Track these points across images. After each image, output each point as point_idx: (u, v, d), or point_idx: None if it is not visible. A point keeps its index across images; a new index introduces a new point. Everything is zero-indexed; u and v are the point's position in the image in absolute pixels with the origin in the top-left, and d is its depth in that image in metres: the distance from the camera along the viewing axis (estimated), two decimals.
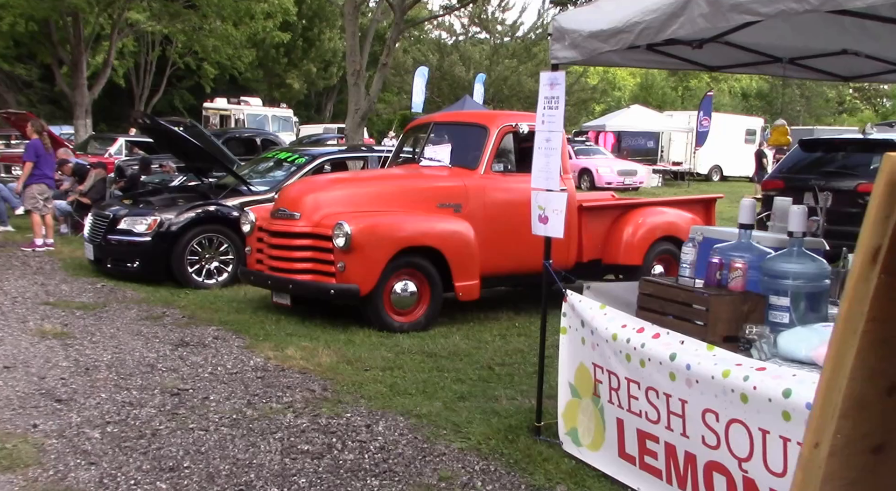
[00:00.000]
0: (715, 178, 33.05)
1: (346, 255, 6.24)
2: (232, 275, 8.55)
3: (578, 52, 3.74)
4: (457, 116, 7.90)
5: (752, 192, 25.79)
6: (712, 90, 35.65)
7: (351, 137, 11.55)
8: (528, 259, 7.09)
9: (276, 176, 9.48)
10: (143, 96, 35.99)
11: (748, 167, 33.65)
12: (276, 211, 6.83)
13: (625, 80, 68.50)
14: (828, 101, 64.24)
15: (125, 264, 8.45)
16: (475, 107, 34.36)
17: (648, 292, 3.55)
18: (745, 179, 34.25)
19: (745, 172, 34.15)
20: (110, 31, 21.90)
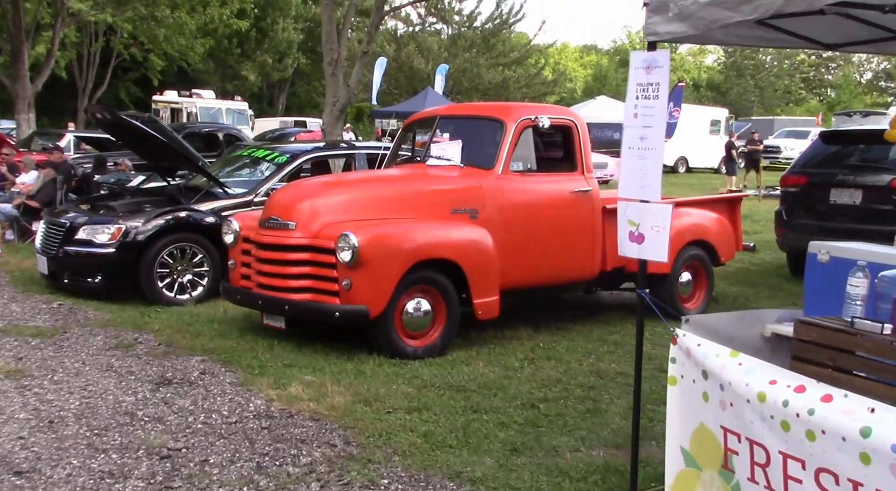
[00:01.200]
0: (681, 169, 32.80)
1: (352, 271, 5.38)
2: (208, 289, 7.60)
3: (689, 25, 2.94)
4: (467, 109, 7.08)
5: (721, 185, 25.55)
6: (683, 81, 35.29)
7: (329, 132, 10.64)
8: (550, 269, 6.35)
9: (253, 177, 8.54)
10: (87, 89, 34.34)
11: (713, 159, 33.57)
12: (265, 219, 5.93)
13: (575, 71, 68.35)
14: (776, 91, 65.01)
15: (85, 279, 7.44)
16: (437, 98, 33.59)
17: (810, 339, 2.79)
18: (710, 171, 34.15)
19: (710, 164, 34.01)
20: (53, 20, 20.44)
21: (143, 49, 33.20)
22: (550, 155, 6.52)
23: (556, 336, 6.39)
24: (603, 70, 64.08)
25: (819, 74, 66.72)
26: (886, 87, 64.98)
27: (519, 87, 43.87)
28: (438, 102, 32.85)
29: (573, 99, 55.48)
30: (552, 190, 6.34)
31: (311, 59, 48.35)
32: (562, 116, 6.49)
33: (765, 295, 8.06)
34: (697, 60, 72.24)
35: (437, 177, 6.23)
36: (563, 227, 6.33)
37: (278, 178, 8.04)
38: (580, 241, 6.44)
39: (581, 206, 6.44)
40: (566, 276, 6.50)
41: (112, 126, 8.35)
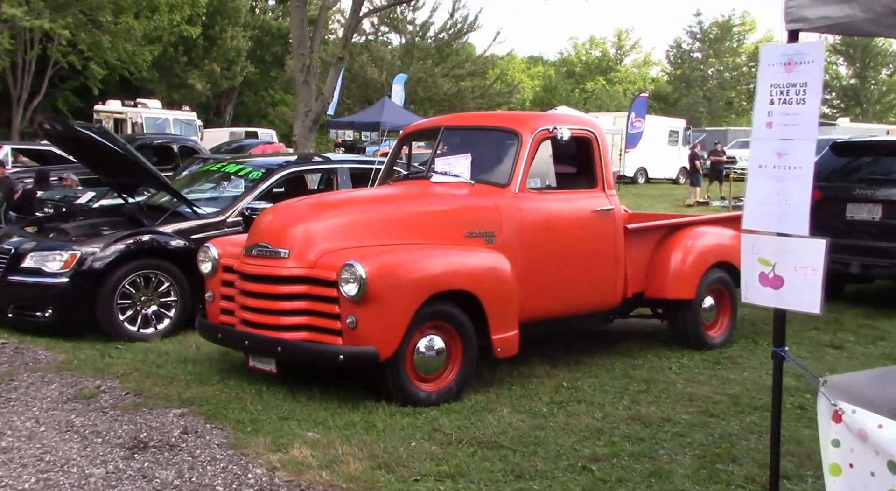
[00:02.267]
0: (641, 180, 32.68)
1: (358, 306, 4.63)
2: (176, 321, 6.75)
3: (857, 7, 2.30)
4: (476, 119, 6.36)
5: (685, 196, 25.37)
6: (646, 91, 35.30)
7: (302, 145, 9.83)
8: (572, 298, 5.70)
9: (224, 195, 7.71)
10: (22, 99, 32.70)
11: (672, 169, 33.52)
12: (252, 246, 5.13)
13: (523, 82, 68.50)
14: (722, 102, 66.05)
15: (33, 313, 6.50)
16: (395, 108, 32.86)
17: None
18: (669, 181, 34.11)
19: (668, 174, 33.97)
20: None
21: (82, 57, 31.80)
22: (568, 169, 5.88)
23: (576, 372, 5.73)
24: (552, 81, 64.17)
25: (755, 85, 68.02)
26: (830, 98, 66.58)
27: (474, 97, 43.54)
28: (396, 113, 32.18)
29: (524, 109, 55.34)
30: (573, 209, 5.69)
31: (259, 68, 47.18)
32: (581, 127, 5.86)
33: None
34: (642, 72, 73.07)
35: (446, 196, 5.51)
36: (586, 250, 5.69)
37: (254, 196, 7.23)
38: (603, 265, 5.80)
39: (604, 227, 5.80)
40: (588, 305, 5.84)
41: (62, 138, 7.42)
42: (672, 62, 69.25)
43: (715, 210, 21.08)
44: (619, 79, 69.33)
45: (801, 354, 6.30)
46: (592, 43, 71.57)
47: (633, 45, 71.58)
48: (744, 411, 4.85)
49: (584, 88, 66.01)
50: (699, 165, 24.54)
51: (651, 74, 72.99)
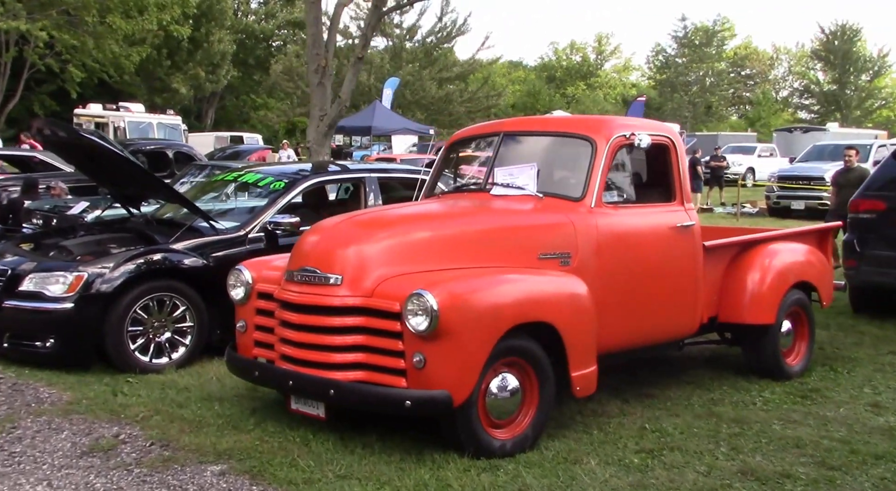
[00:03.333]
0: None
1: (427, 343, 3.97)
2: (192, 349, 6.05)
3: None
4: (542, 124, 5.69)
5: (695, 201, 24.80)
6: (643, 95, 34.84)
7: (316, 151, 9.12)
8: (652, 326, 5.10)
9: (242, 207, 7.01)
10: None
11: None
12: (296, 271, 4.45)
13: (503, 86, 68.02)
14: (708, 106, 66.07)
15: (32, 344, 5.76)
16: (386, 113, 32.15)
17: None
18: None
19: None
20: None
21: (59, 60, 30.84)
22: (644, 180, 5.25)
23: (652, 409, 5.10)
24: (535, 86, 63.71)
25: (738, 91, 68.01)
26: (809, 103, 66.83)
27: (462, 101, 43.01)
28: (388, 117, 31.50)
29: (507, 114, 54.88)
30: (653, 226, 5.06)
31: (241, 71, 46.27)
32: (659, 133, 5.24)
33: (847, 340, 6.98)
34: (622, 77, 72.94)
35: (513, 212, 4.86)
36: (666, 272, 5.06)
37: (276, 209, 6.55)
38: (684, 288, 5.18)
39: (684, 245, 5.18)
40: (667, 333, 5.22)
41: (63, 145, 6.69)
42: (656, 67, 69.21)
43: (721, 217, 20.64)
44: (599, 84, 69.13)
45: (891, 383, 5.73)
46: (573, 47, 71.30)
47: (614, 50, 71.45)
48: (866, 462, 4.24)
49: (564, 93, 65.70)
50: (700, 171, 24.08)
51: (631, 79, 72.83)
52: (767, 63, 69.59)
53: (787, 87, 70.26)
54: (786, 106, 68.71)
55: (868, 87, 62.57)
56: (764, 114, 64.21)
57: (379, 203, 7.05)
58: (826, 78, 64.01)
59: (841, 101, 61.69)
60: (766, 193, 20.92)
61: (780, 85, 70.66)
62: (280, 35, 51.29)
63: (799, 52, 69.06)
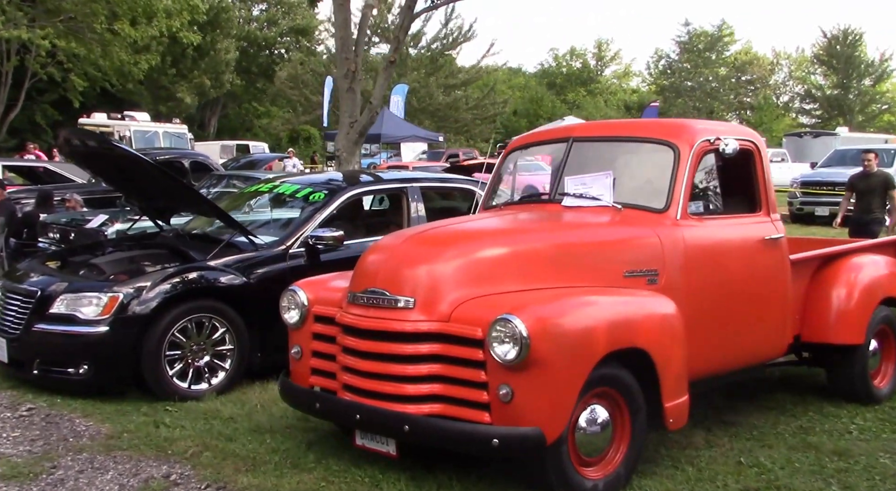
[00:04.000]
0: None
1: (515, 373, 3.58)
2: (232, 374, 5.66)
3: None
4: (615, 129, 5.26)
5: None
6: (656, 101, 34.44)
7: (346, 160, 8.73)
8: (741, 349, 4.71)
9: (282, 220, 6.62)
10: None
11: None
12: (361, 293, 4.05)
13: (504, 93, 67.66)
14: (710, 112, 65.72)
15: (64, 370, 5.36)
16: (395, 120, 31.77)
17: None
18: None
19: None
20: None
21: (62, 69, 30.51)
22: (727, 189, 4.86)
23: (740, 439, 4.70)
24: (537, 92, 63.32)
25: (739, 96, 67.67)
26: (811, 108, 66.52)
27: (468, 107, 42.70)
28: (397, 124, 31.17)
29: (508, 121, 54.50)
30: (741, 239, 4.67)
31: (244, 79, 45.94)
32: (743, 137, 4.85)
33: None
34: (622, 82, 72.60)
35: (593, 225, 4.47)
36: (756, 289, 4.67)
37: (318, 222, 6.16)
38: (773, 306, 4.79)
39: (773, 260, 4.79)
40: (757, 355, 4.82)
41: (90, 156, 6.30)
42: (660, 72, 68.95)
43: None
44: (599, 90, 68.81)
45: None
46: (573, 54, 70.94)
47: (614, 56, 71.12)
48: None
49: (564, 99, 65.36)
50: None
51: (631, 85, 72.47)
52: (768, 68, 69.28)
53: (788, 92, 69.98)
54: (787, 111, 68.39)
55: (871, 91, 62.25)
56: (765, 119, 63.85)
57: (422, 214, 6.67)
58: (827, 82, 63.71)
59: (844, 106, 61.33)
60: (790, 199, 20.52)
61: (781, 90, 70.36)
62: (282, 43, 51.02)
63: (799, 56, 68.79)
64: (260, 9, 50.09)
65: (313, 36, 49.96)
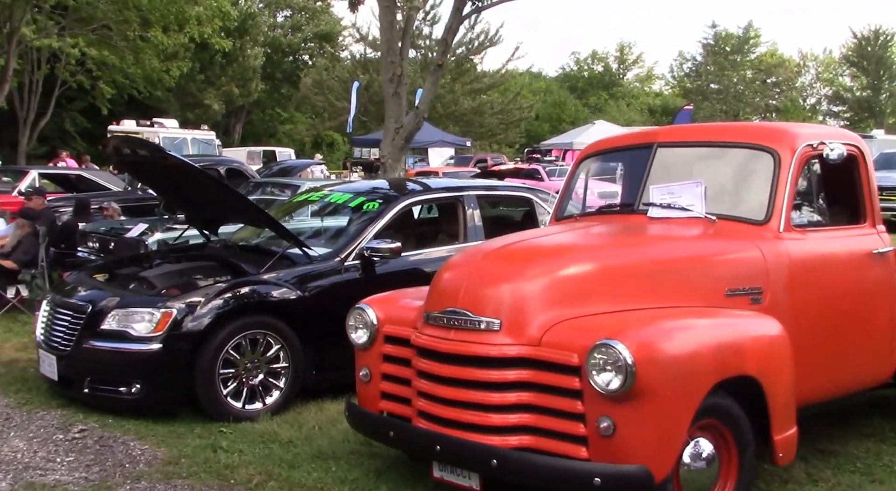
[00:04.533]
0: None
1: (617, 404, 3.26)
2: (287, 393, 5.38)
3: None
4: (704, 133, 4.83)
5: None
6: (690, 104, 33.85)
7: (392, 167, 8.46)
8: (847, 373, 4.33)
9: (336, 231, 6.35)
10: (28, 120, 31.60)
11: None
12: (440, 313, 3.75)
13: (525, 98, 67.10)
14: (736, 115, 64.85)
15: (116, 389, 5.09)
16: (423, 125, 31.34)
17: None
18: None
19: None
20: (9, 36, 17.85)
21: (90, 76, 30.68)
22: (829, 198, 4.50)
23: (843, 472, 4.32)
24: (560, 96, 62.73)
25: (765, 99, 66.70)
26: (839, 111, 65.52)
27: (493, 112, 42.37)
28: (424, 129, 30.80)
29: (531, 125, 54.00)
30: (848, 252, 4.32)
31: (269, 85, 45.97)
32: (847, 141, 4.49)
33: None
34: (645, 86, 71.86)
35: (689, 239, 4.14)
36: (863, 307, 4.32)
37: (373, 233, 5.88)
38: (881, 326, 4.43)
39: (881, 275, 4.42)
40: (864, 380, 4.45)
41: (138, 164, 6.06)
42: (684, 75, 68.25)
43: None
44: (622, 93, 68.14)
45: None
46: (595, 57, 70.29)
47: (636, 60, 70.38)
48: None
49: (587, 103, 64.77)
50: None
51: (654, 88, 71.66)
52: (794, 70, 68.29)
53: (815, 94, 68.97)
54: (814, 113, 67.41)
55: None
56: (792, 121, 62.92)
57: (478, 224, 6.37)
58: (855, 84, 62.69)
59: (875, 108, 60.26)
60: None
61: (808, 92, 69.38)
62: (306, 49, 51.05)
63: (827, 58, 67.73)
64: (284, 15, 50.21)
65: (337, 42, 49.98)
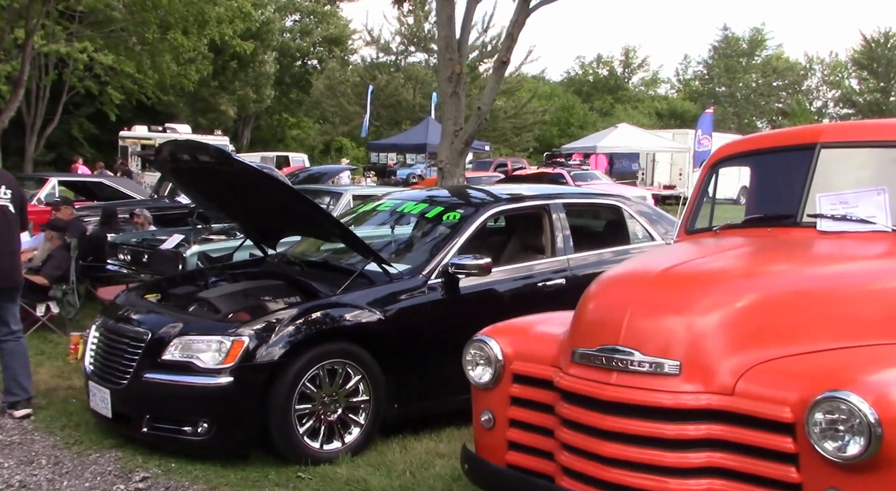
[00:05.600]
0: None
1: (853, 474, 2.60)
2: (368, 431, 4.74)
3: None
4: (879, 131, 4.13)
5: None
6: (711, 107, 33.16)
7: (450, 172, 7.79)
8: None
9: (412, 246, 5.72)
10: (36, 126, 31.18)
11: (732, 189, 31.28)
12: (594, 351, 3.11)
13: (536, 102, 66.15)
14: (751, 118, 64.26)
15: (180, 429, 4.46)
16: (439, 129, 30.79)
17: None
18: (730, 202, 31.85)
19: (729, 194, 31.69)
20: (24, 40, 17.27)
21: (99, 82, 30.20)
22: None
23: None
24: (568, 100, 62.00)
25: (769, 102, 66.04)
26: (846, 113, 64.95)
27: (507, 116, 41.78)
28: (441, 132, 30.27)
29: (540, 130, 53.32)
30: None
31: (278, 90, 45.44)
32: None
33: None
34: (651, 90, 71.21)
35: (881, 257, 3.49)
36: None
37: (458, 247, 5.25)
38: None
39: None
40: None
41: (192, 172, 5.41)
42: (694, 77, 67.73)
43: None
44: (627, 97, 67.53)
45: None
46: (600, 61, 69.67)
47: (641, 63, 69.78)
48: None
49: (593, 107, 64.12)
50: None
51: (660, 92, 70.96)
52: (800, 73, 67.71)
53: (821, 97, 68.38)
54: (820, 116, 66.84)
55: None
56: (799, 125, 62.20)
57: (567, 235, 5.74)
58: (862, 87, 62.13)
59: (885, 110, 59.68)
60: None
61: (814, 95, 68.79)
62: (315, 53, 50.54)
63: (833, 61, 67.11)
64: (293, 19, 49.69)
65: (346, 45, 49.46)
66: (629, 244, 6.06)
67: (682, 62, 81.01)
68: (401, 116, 39.81)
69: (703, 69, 66.99)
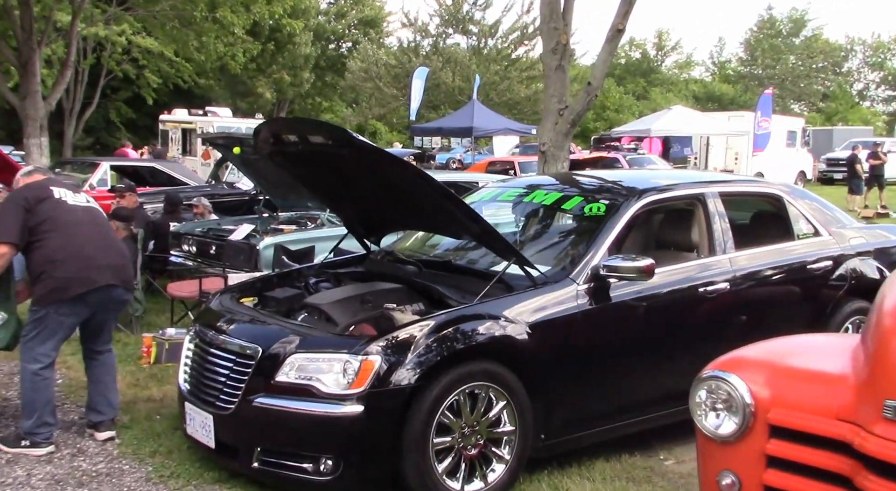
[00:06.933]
0: None
1: None
2: (514, 467, 3.94)
3: None
4: None
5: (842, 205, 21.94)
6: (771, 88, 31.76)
7: (553, 156, 6.90)
8: None
9: (554, 244, 4.88)
10: (74, 111, 30.94)
11: (790, 174, 29.98)
12: None
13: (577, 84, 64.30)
14: None
15: (298, 465, 3.69)
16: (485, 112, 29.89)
17: None
18: None
19: (786, 179, 30.38)
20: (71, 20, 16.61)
21: (136, 65, 29.76)
22: None
23: None
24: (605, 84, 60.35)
25: (808, 84, 63.95)
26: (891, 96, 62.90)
27: None
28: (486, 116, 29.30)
29: None
30: None
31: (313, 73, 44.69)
32: None
33: None
34: (684, 73, 69.35)
35: None
36: None
37: (607, 246, 4.41)
38: None
39: None
40: None
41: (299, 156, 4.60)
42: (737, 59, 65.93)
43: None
44: (660, 80, 65.83)
45: None
46: (632, 44, 67.96)
47: (675, 46, 67.97)
48: None
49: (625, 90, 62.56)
50: (860, 170, 21.36)
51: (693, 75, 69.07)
52: (841, 54, 65.59)
53: (863, 79, 66.25)
54: (862, 99, 64.79)
55: None
56: (841, 108, 60.27)
57: (727, 229, 4.88)
58: None
59: None
60: None
61: (855, 77, 66.66)
62: (350, 35, 49.72)
63: (875, 41, 64.85)
64: (328, 2, 48.85)
65: (381, 28, 48.56)
66: (793, 240, 5.20)
67: (717, 44, 79.01)
68: (439, 100, 38.96)
69: (743, 51, 65.08)
